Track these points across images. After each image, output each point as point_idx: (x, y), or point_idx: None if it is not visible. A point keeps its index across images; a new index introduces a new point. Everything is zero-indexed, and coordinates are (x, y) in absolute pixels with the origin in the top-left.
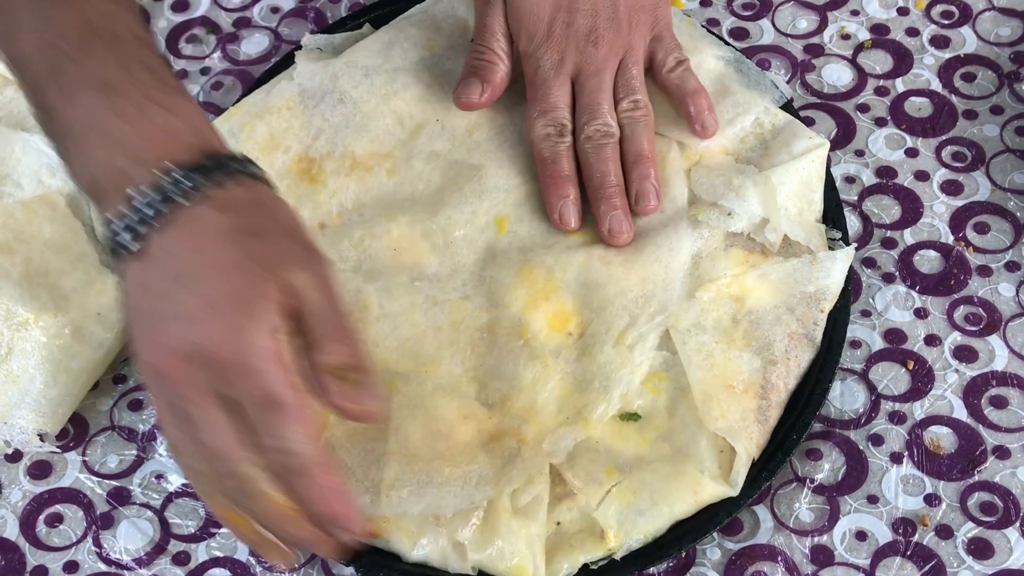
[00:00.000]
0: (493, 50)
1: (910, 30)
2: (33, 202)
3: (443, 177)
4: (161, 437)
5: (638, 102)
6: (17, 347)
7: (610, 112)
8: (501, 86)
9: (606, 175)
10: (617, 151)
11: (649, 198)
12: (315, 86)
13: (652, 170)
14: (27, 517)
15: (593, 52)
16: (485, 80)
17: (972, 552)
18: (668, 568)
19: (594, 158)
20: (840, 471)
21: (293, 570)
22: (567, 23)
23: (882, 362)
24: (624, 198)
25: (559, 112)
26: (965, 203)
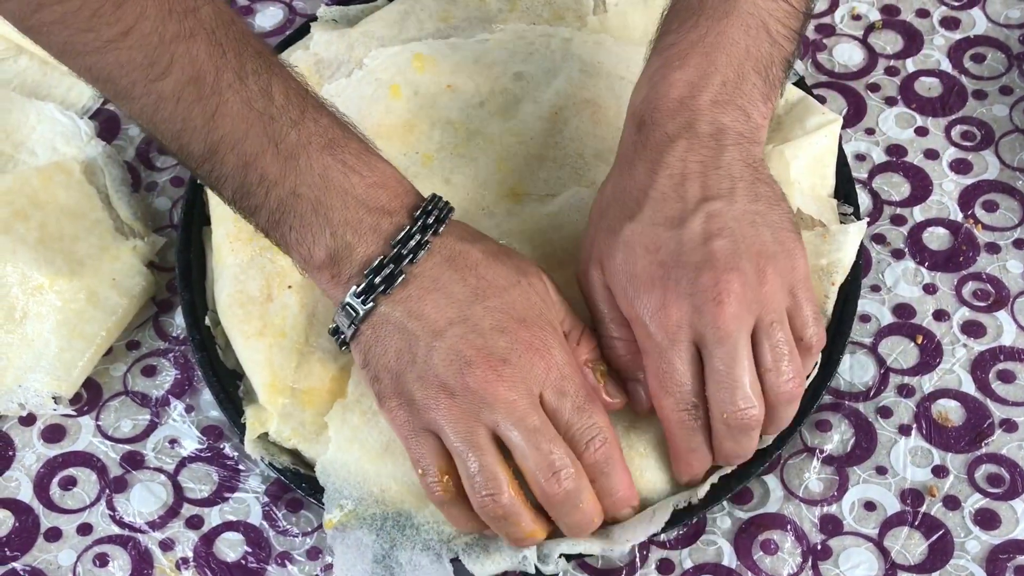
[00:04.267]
0: (624, 338)
1: (920, 11)
2: (48, 168)
3: (457, 147)
4: (433, 479)
5: (792, 378)
6: (32, 311)
7: (753, 387)
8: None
9: (740, 457)
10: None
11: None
12: (331, 56)
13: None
14: (41, 480)
15: (717, 313)
16: (638, 377)
17: (979, 523)
18: (678, 536)
19: (731, 445)
20: (849, 442)
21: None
22: (677, 279)
23: (891, 336)
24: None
25: (686, 389)
26: (974, 181)
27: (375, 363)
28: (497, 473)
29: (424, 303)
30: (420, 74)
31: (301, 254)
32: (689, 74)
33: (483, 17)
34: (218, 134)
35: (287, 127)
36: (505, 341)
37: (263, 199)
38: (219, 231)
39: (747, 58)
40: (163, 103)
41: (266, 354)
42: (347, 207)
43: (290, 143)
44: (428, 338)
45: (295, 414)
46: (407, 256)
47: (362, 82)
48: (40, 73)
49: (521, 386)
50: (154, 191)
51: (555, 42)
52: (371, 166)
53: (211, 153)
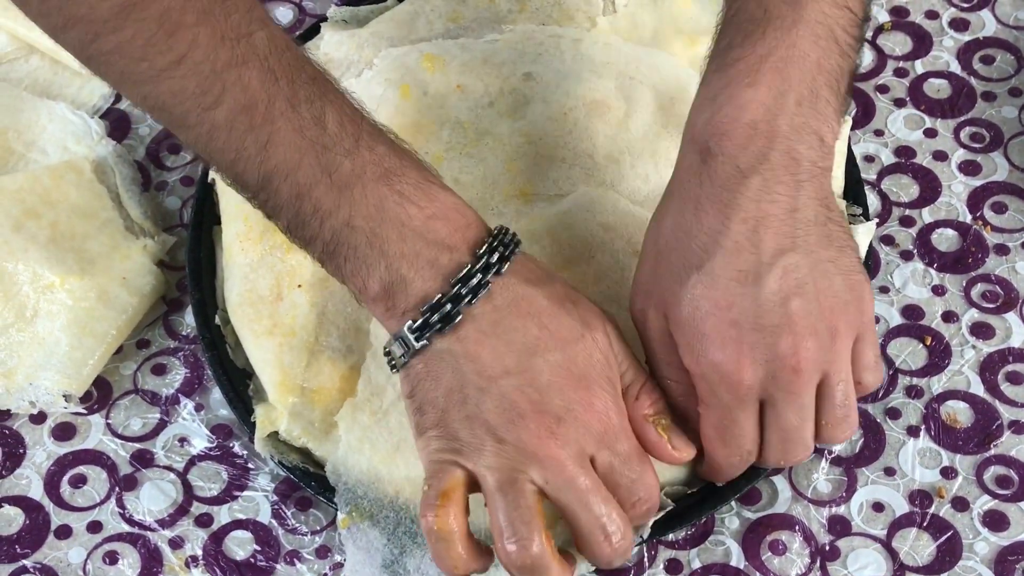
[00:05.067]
0: (678, 380)
1: (929, 12)
2: (59, 168)
3: (466, 147)
4: (432, 499)
5: (845, 434)
6: (43, 309)
7: (811, 440)
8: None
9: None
10: None
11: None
12: (341, 56)
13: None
14: (51, 477)
15: (793, 379)
16: (695, 416)
17: (987, 524)
18: (687, 536)
19: (775, 467)
20: (858, 443)
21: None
22: (753, 344)
23: (900, 337)
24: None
25: (745, 443)
26: (983, 183)
27: (422, 396)
28: (531, 519)
29: (482, 347)
30: (430, 74)
31: (356, 285)
32: (762, 94)
33: (493, 17)
34: (271, 164)
35: (340, 156)
36: (561, 400)
37: (317, 230)
38: (229, 230)
39: (819, 72)
40: (216, 132)
41: (276, 353)
42: (403, 239)
43: (344, 173)
44: (482, 382)
45: (305, 413)
46: (466, 296)
47: (372, 82)
48: (51, 73)
49: (573, 446)
50: (164, 190)
51: (565, 43)
52: (430, 196)
53: (265, 183)
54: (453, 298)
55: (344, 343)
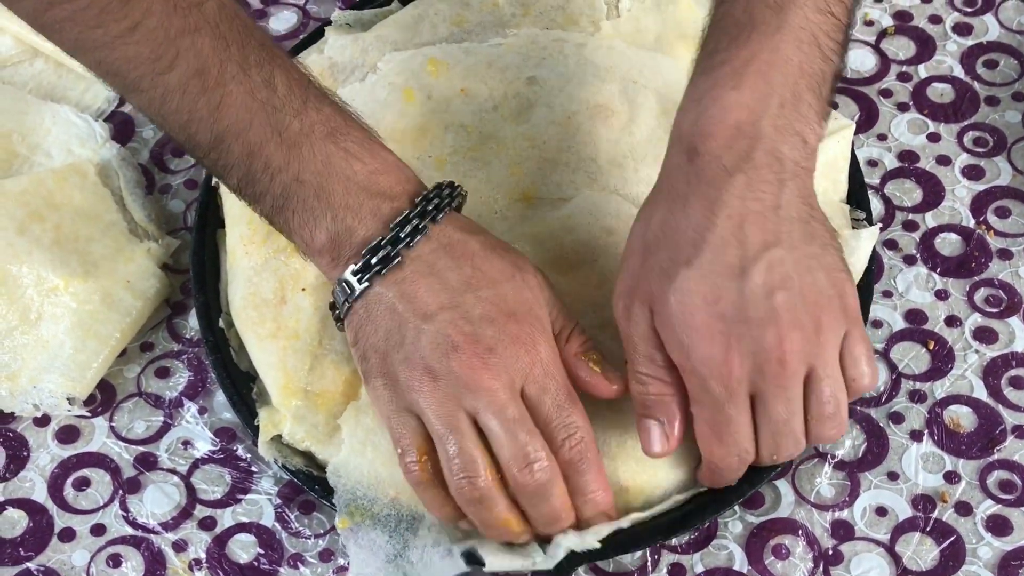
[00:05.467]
0: (657, 377)
1: (933, 17)
2: (63, 170)
3: (470, 151)
4: (411, 459)
5: (835, 429)
6: (47, 312)
7: (801, 431)
8: (683, 413)
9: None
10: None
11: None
12: (345, 60)
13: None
14: (55, 480)
15: (780, 372)
16: (665, 419)
17: (991, 529)
18: (690, 540)
19: (768, 464)
20: (861, 448)
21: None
22: (739, 336)
23: (903, 342)
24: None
25: (742, 440)
26: (986, 187)
27: (364, 342)
28: (476, 456)
29: (417, 286)
30: (433, 78)
31: (303, 237)
32: (745, 96)
33: (496, 22)
34: (223, 124)
35: (290, 116)
36: (493, 331)
37: (267, 186)
38: (233, 233)
39: (801, 76)
40: (170, 95)
41: (279, 356)
42: (348, 192)
43: (293, 132)
44: (417, 320)
45: (308, 416)
46: (404, 239)
47: (376, 86)
48: (55, 76)
49: (504, 376)
50: (168, 193)
51: (568, 47)
52: (373, 153)
53: (217, 142)
54: (392, 240)
55: (347, 346)
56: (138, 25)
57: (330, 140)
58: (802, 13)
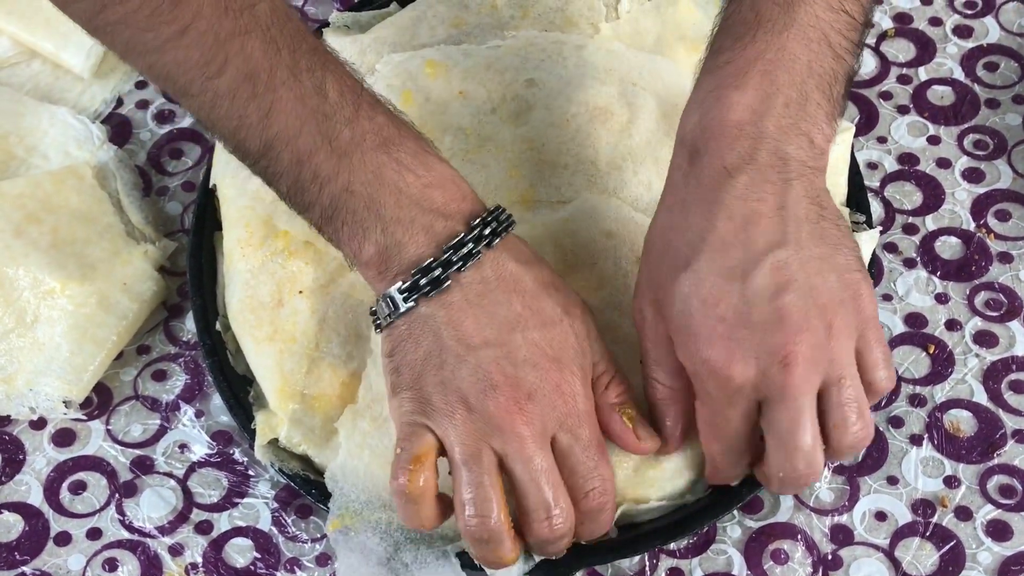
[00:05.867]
0: (664, 382)
1: (933, 19)
2: (60, 173)
3: (468, 154)
4: (405, 462)
5: (860, 431)
6: (44, 315)
7: (814, 448)
8: (687, 418)
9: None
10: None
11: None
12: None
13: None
14: (51, 484)
15: (785, 376)
16: (670, 422)
17: (991, 534)
18: (689, 545)
19: (778, 489)
20: (860, 452)
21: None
22: (741, 340)
23: (903, 345)
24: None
25: (738, 440)
26: (986, 191)
27: (400, 357)
28: (491, 496)
29: (465, 315)
30: (432, 80)
31: (352, 249)
32: (749, 96)
33: (495, 23)
34: (272, 131)
35: (341, 125)
36: (535, 376)
37: (317, 195)
38: (230, 236)
39: (810, 75)
40: (219, 100)
41: (276, 359)
42: (400, 205)
43: (343, 141)
44: (461, 350)
45: (305, 420)
46: (456, 263)
47: (374, 88)
48: (53, 77)
49: (538, 424)
50: (165, 195)
51: (567, 49)
52: (427, 166)
53: (267, 149)
54: (444, 263)
55: (345, 350)
56: (188, 28)
57: (382, 150)
58: (812, 11)
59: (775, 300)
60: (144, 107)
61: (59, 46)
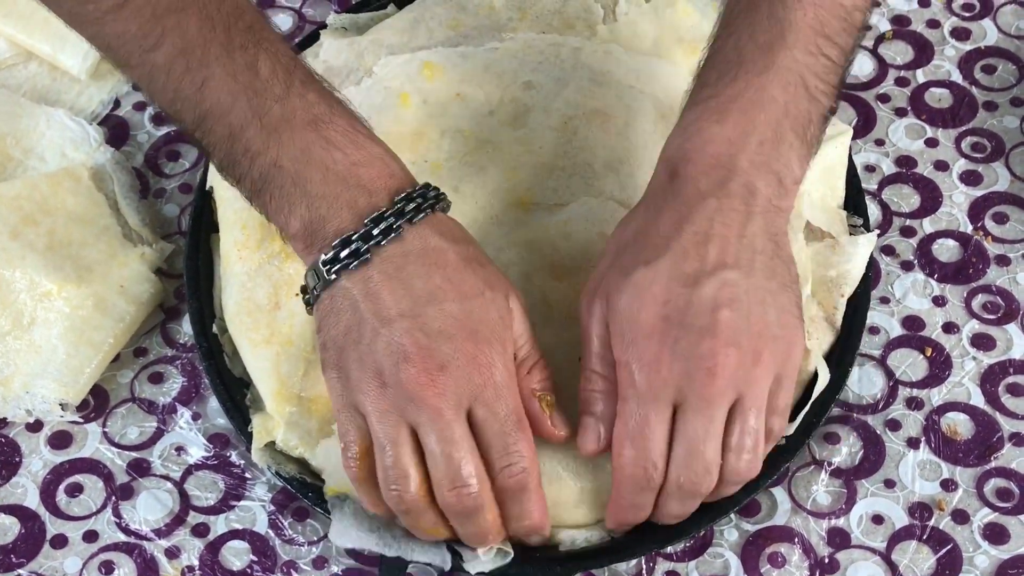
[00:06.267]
0: (603, 375)
1: (931, 22)
2: (57, 174)
3: (466, 156)
4: (352, 455)
5: (751, 464)
6: (40, 317)
7: (715, 459)
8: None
9: (678, 519)
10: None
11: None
12: (340, 63)
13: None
14: (47, 486)
15: (707, 383)
16: (602, 419)
17: (988, 537)
18: (686, 548)
19: (675, 506)
20: (857, 455)
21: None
22: (676, 338)
23: (900, 348)
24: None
25: (653, 448)
26: (984, 193)
27: (326, 333)
28: (408, 470)
29: (382, 287)
30: (429, 82)
31: (279, 222)
32: (728, 131)
33: (493, 26)
34: (206, 106)
35: (271, 101)
36: (449, 347)
37: (247, 169)
38: (227, 238)
39: (785, 116)
40: (156, 73)
41: (273, 362)
42: (326, 181)
43: (274, 117)
44: (376, 323)
45: (302, 422)
46: (376, 237)
47: (371, 90)
48: (50, 79)
49: (451, 396)
50: (162, 198)
51: (565, 51)
52: (357, 144)
53: (201, 122)
54: (363, 236)
55: None
56: (127, 2)
57: (311, 128)
58: (790, 54)
59: (715, 312)
60: (141, 109)
61: (56, 48)
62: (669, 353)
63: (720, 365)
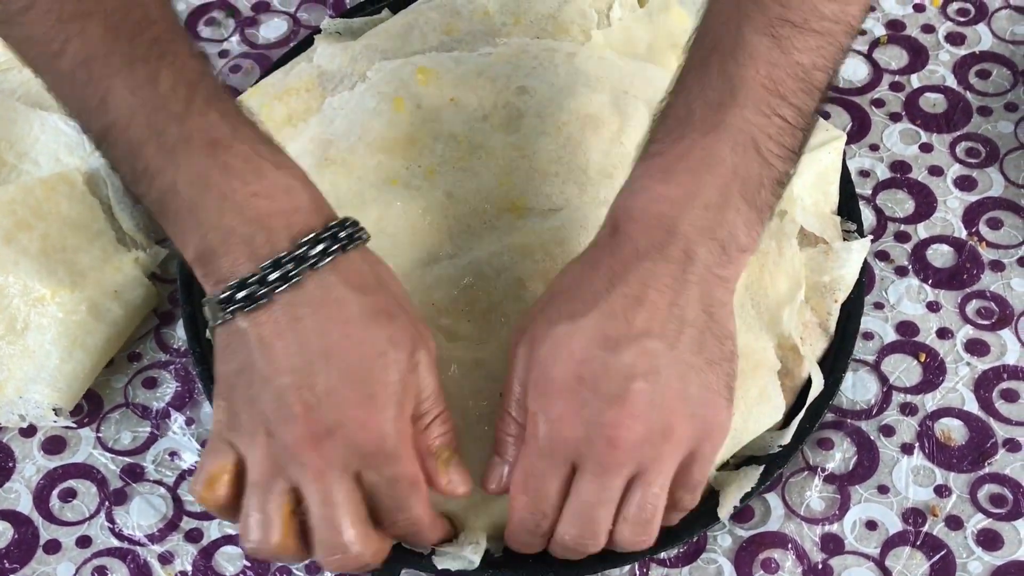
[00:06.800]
0: (516, 419)
1: (926, 27)
2: (51, 179)
3: (459, 161)
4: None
5: (643, 539)
6: (33, 322)
7: (604, 528)
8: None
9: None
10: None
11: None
12: (334, 68)
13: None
14: (40, 491)
15: (606, 452)
16: (509, 463)
17: (981, 543)
18: (679, 554)
19: (561, 552)
20: (851, 461)
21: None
22: (585, 402)
23: (894, 354)
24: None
25: (545, 499)
26: (978, 199)
27: (221, 365)
28: (274, 523)
29: (275, 339)
30: (423, 87)
31: (177, 247)
32: (672, 191)
33: (487, 31)
34: (108, 118)
35: (167, 120)
36: (336, 414)
37: (147, 189)
38: None
39: (734, 179)
40: (62, 82)
41: None
42: (222, 212)
43: (171, 137)
44: (268, 372)
45: None
46: (273, 283)
47: (365, 95)
48: (43, 84)
49: (337, 462)
50: None
51: (559, 56)
52: (259, 172)
53: (104, 135)
54: (259, 281)
55: None
56: (33, 5)
57: (208, 151)
58: (741, 114)
59: (630, 381)
60: None
61: None
62: (574, 414)
63: (622, 437)
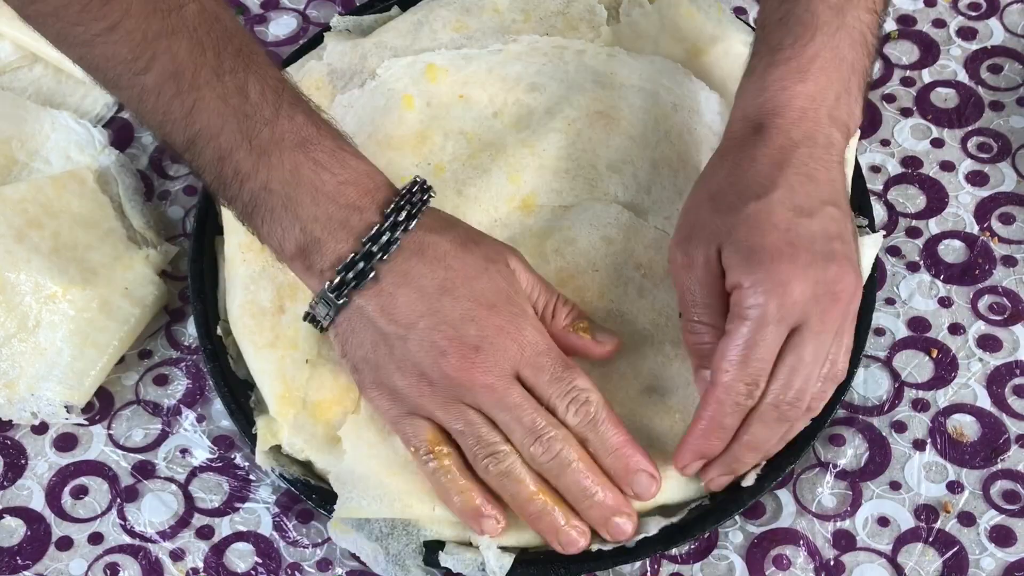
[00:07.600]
0: (713, 324)
1: (937, 21)
2: (62, 177)
3: (470, 158)
4: (424, 454)
5: (823, 394)
6: (45, 320)
7: (812, 385)
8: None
9: (757, 450)
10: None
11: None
12: (344, 66)
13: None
14: (52, 488)
15: (831, 307)
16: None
17: (994, 539)
18: (691, 550)
19: (762, 431)
20: (863, 457)
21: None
22: (807, 264)
23: (906, 350)
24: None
25: (761, 368)
26: (990, 194)
27: (353, 354)
28: (494, 438)
29: (396, 298)
30: (433, 85)
31: (273, 245)
32: (810, 88)
33: (497, 28)
34: (195, 128)
35: (260, 124)
36: (475, 329)
37: (237, 191)
38: (231, 241)
39: (853, 73)
40: (146, 95)
41: (277, 365)
42: (317, 203)
43: (263, 140)
44: (401, 330)
45: (306, 426)
46: (377, 253)
47: (375, 92)
48: (55, 81)
49: (496, 369)
50: (167, 200)
51: (569, 53)
52: (343, 163)
53: (190, 144)
54: (365, 256)
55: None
56: (117, 25)
57: (299, 150)
58: (856, 14)
59: (832, 242)
60: None
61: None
62: (802, 274)
63: (843, 291)
